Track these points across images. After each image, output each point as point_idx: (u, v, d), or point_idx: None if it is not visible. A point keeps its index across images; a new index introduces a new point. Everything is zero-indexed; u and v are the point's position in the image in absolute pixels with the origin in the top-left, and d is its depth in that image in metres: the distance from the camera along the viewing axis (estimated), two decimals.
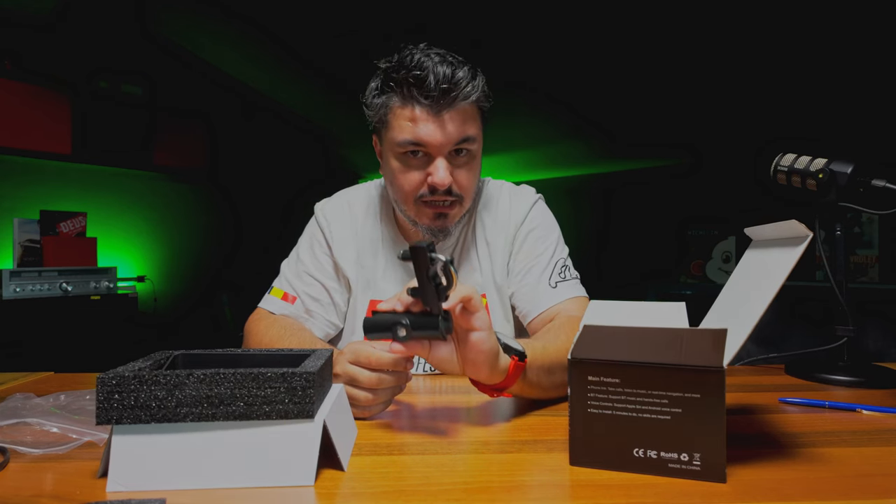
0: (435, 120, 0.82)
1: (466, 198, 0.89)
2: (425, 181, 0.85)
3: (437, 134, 0.82)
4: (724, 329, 0.50)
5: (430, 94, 0.80)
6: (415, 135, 0.82)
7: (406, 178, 0.87)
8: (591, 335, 0.53)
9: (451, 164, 0.85)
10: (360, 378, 0.62)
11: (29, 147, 3.08)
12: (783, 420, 0.64)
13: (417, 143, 0.83)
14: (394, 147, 0.86)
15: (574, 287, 0.94)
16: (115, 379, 0.45)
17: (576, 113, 3.65)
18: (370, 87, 0.88)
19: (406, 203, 0.89)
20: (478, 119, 0.87)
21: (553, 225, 1.01)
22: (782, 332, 1.95)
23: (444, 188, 0.84)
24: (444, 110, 0.81)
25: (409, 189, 0.87)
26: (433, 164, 0.84)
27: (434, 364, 0.60)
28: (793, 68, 2.70)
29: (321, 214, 1.01)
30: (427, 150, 0.84)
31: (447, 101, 0.81)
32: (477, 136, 0.86)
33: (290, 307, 0.95)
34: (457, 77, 0.80)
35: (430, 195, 0.86)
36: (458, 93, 0.81)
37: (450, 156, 0.85)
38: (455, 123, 0.82)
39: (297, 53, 3.46)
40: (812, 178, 0.88)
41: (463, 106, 0.83)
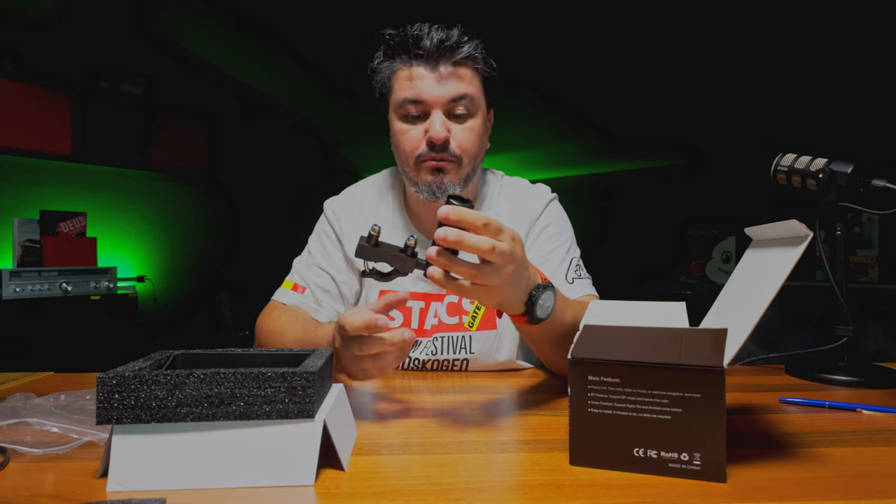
0: (431, 75, 0.86)
1: (465, 159, 0.90)
2: (423, 139, 0.88)
3: (434, 87, 0.86)
4: (724, 329, 0.50)
5: (426, 51, 0.85)
6: (412, 91, 0.86)
7: (406, 138, 0.89)
8: (591, 335, 0.53)
9: (448, 121, 0.88)
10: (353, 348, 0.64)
11: (29, 147, 3.08)
12: (783, 420, 0.64)
13: (415, 100, 0.86)
14: (396, 108, 0.89)
15: (588, 286, 0.95)
16: (115, 379, 0.45)
17: (576, 113, 3.65)
18: (376, 56, 0.92)
19: (407, 163, 0.91)
20: (476, 81, 0.90)
21: (567, 224, 1.03)
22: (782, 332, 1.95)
23: (440, 141, 0.86)
24: (440, 64, 0.86)
25: (409, 148, 0.89)
26: (430, 119, 0.87)
27: None
28: (793, 69, 2.70)
29: (330, 211, 1.03)
30: (425, 108, 0.87)
31: (442, 54, 0.85)
32: (475, 97, 0.88)
33: (300, 297, 0.98)
34: (451, 34, 0.86)
35: (429, 152, 0.88)
36: (452, 45, 0.85)
37: (448, 114, 0.87)
38: (451, 79, 0.86)
39: (298, 53, 3.46)
40: (812, 178, 0.88)
41: (459, 62, 0.86)
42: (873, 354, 2.31)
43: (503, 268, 0.57)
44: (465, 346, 0.94)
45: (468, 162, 0.90)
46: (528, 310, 0.64)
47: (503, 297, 0.61)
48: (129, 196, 3.68)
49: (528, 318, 0.65)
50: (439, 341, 0.95)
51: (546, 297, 0.65)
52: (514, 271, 0.59)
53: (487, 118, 0.96)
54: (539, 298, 0.64)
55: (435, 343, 0.95)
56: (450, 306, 0.96)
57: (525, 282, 0.62)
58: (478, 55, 0.88)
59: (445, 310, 0.96)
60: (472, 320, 0.94)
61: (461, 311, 0.96)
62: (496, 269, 0.57)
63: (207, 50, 3.71)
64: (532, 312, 0.64)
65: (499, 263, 0.56)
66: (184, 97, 3.86)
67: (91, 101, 3.34)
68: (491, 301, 0.61)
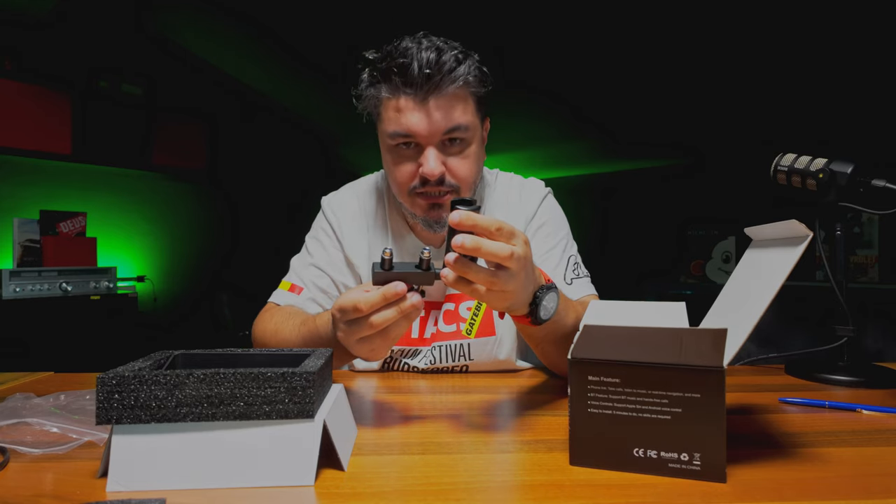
0: (421, 108, 0.79)
1: (464, 188, 0.86)
2: (417, 172, 0.84)
3: (423, 123, 0.79)
4: (724, 329, 0.50)
5: (414, 82, 0.77)
6: (401, 125, 0.80)
7: (399, 171, 0.85)
8: (591, 335, 0.53)
9: (443, 154, 0.83)
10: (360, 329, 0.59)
11: (29, 147, 3.08)
12: (783, 420, 0.64)
13: (405, 134, 0.81)
14: (385, 139, 0.85)
15: (587, 285, 0.94)
16: (115, 379, 0.45)
17: (576, 112, 3.65)
18: (360, 80, 0.86)
19: (401, 195, 0.88)
20: (471, 105, 0.83)
21: (563, 220, 1.01)
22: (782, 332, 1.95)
23: (435, 178, 0.82)
24: (429, 97, 0.79)
25: (401, 181, 0.86)
26: (423, 154, 0.82)
27: None
28: (793, 69, 2.70)
29: (328, 208, 1.01)
30: (417, 140, 0.82)
31: (432, 88, 0.78)
32: (470, 124, 0.83)
33: (297, 298, 0.95)
34: (441, 61, 0.77)
35: (423, 186, 0.84)
36: (442, 77, 0.78)
37: (441, 145, 0.82)
38: (442, 111, 0.79)
39: (298, 53, 3.46)
40: (812, 178, 0.88)
41: (451, 91, 0.79)
42: (873, 354, 2.31)
43: (518, 273, 0.57)
44: (463, 353, 0.93)
45: (466, 190, 0.87)
46: (532, 311, 0.64)
47: (514, 300, 0.60)
48: (129, 196, 3.68)
49: (531, 319, 0.65)
50: (438, 350, 0.93)
51: (549, 298, 0.65)
52: (526, 275, 0.59)
53: (483, 131, 0.91)
54: (543, 300, 0.64)
55: (433, 352, 0.94)
56: (447, 314, 0.94)
57: (532, 284, 0.62)
58: (471, 77, 0.81)
59: (443, 318, 0.94)
60: (470, 328, 0.93)
61: (458, 319, 0.94)
62: (512, 274, 0.56)
63: (207, 50, 3.71)
64: (536, 314, 0.64)
65: (515, 269, 0.56)
66: (184, 97, 3.86)
67: (91, 101, 3.34)
68: (502, 305, 0.60)
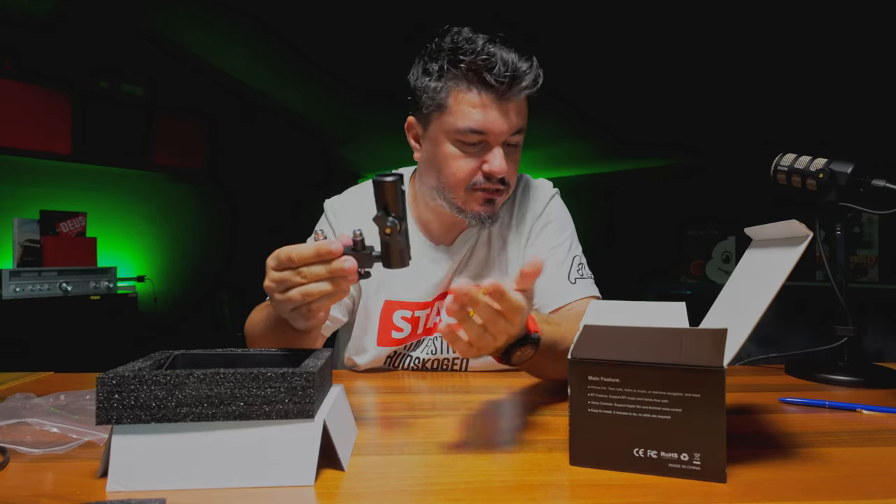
0: (499, 107, 0.82)
1: (511, 186, 0.90)
2: (479, 168, 0.85)
3: (501, 122, 0.82)
4: (724, 329, 0.50)
5: (500, 81, 0.79)
6: (479, 121, 0.82)
7: (461, 165, 0.85)
8: (591, 335, 0.53)
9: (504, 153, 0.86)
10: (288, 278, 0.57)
11: (29, 147, 3.08)
12: (783, 420, 0.64)
13: (480, 131, 0.82)
14: (451, 132, 0.84)
15: (591, 286, 0.95)
16: (115, 379, 0.45)
17: (577, 112, 3.65)
18: (429, 70, 0.85)
19: (455, 190, 0.87)
20: (527, 109, 0.88)
21: (569, 220, 1.02)
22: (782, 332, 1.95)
23: (501, 176, 0.85)
24: (508, 98, 0.81)
25: (462, 176, 0.86)
26: (491, 152, 0.84)
27: None
28: (793, 69, 2.70)
29: (331, 211, 1.01)
30: (486, 138, 0.83)
31: (513, 90, 0.81)
32: (525, 128, 0.88)
33: None
34: (521, 65, 0.80)
35: (485, 182, 0.86)
36: (523, 81, 0.81)
37: (503, 144, 0.85)
38: (515, 112, 0.83)
39: (298, 53, 3.46)
40: (812, 178, 0.88)
41: (524, 95, 0.83)
42: (873, 354, 2.31)
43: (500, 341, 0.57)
44: None
45: (513, 186, 0.91)
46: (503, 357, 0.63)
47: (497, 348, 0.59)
48: (129, 196, 3.68)
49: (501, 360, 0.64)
50: (440, 340, 0.95)
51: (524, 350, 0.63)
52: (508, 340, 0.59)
53: None
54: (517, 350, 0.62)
55: (435, 342, 0.95)
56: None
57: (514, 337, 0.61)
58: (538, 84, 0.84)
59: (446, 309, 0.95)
60: None
61: None
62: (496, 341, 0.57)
63: (207, 49, 3.71)
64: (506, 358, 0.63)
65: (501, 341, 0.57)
66: (184, 97, 3.86)
67: (91, 100, 3.34)
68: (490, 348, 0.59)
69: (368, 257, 0.58)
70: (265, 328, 0.79)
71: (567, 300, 0.91)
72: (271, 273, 0.59)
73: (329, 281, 0.57)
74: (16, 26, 3.02)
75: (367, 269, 0.58)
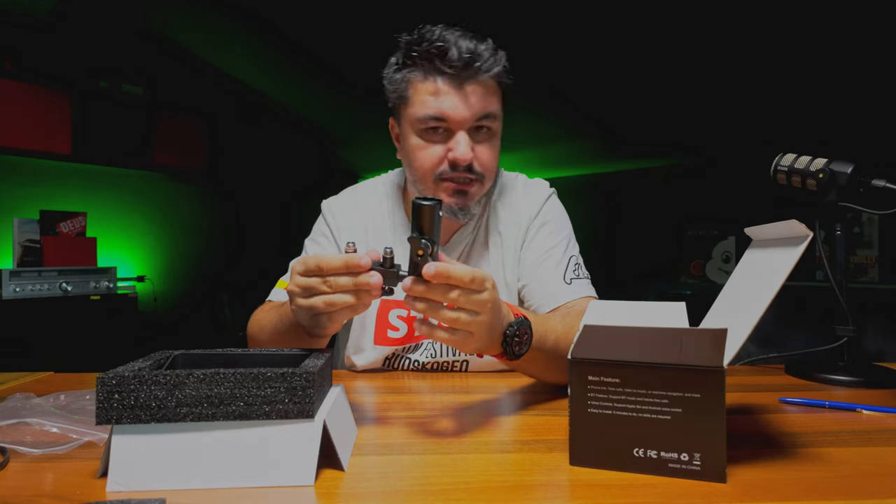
0: (457, 92, 0.81)
1: (487, 177, 0.88)
2: (445, 157, 0.84)
3: (460, 107, 0.81)
4: (724, 329, 0.50)
5: (453, 65, 0.79)
6: (436, 108, 0.81)
7: (426, 155, 0.85)
8: (591, 335, 0.53)
9: (472, 141, 0.84)
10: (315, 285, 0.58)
11: (29, 147, 3.08)
12: (783, 420, 0.64)
13: (439, 118, 0.82)
14: (414, 123, 0.85)
15: (587, 286, 0.94)
16: (115, 379, 0.45)
17: (577, 112, 3.65)
18: (390, 63, 0.87)
19: (425, 181, 0.87)
20: (499, 97, 0.86)
21: (566, 220, 1.01)
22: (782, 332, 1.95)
23: (466, 164, 0.83)
24: (466, 83, 0.81)
25: (428, 166, 0.86)
26: (454, 138, 0.83)
27: None
28: (793, 69, 2.70)
29: (328, 211, 1.01)
30: (448, 125, 0.83)
31: (470, 73, 0.80)
32: (498, 114, 0.86)
33: None
34: (479, 49, 0.80)
35: (451, 171, 0.85)
36: (481, 64, 0.80)
37: (471, 132, 0.84)
38: (477, 96, 0.82)
39: (298, 52, 3.47)
40: (812, 178, 0.88)
41: (485, 80, 0.82)
42: (873, 354, 2.31)
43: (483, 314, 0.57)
44: None
45: (489, 179, 0.89)
46: (505, 349, 0.64)
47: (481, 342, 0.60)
48: (130, 196, 3.68)
49: (506, 356, 0.65)
50: (439, 343, 0.94)
51: (521, 332, 0.64)
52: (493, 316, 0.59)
53: None
54: (515, 335, 0.63)
55: (434, 346, 0.95)
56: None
57: (500, 323, 0.62)
58: (503, 70, 0.85)
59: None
60: None
61: None
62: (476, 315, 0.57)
63: (207, 49, 3.71)
64: (509, 350, 0.64)
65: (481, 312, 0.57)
66: (184, 97, 3.86)
67: (91, 100, 3.34)
68: (470, 347, 0.60)
69: (395, 276, 0.58)
70: (275, 330, 0.79)
71: (563, 300, 0.91)
72: (297, 278, 0.59)
73: (353, 293, 0.57)
74: (16, 26, 3.02)
75: (392, 286, 0.58)
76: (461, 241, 0.97)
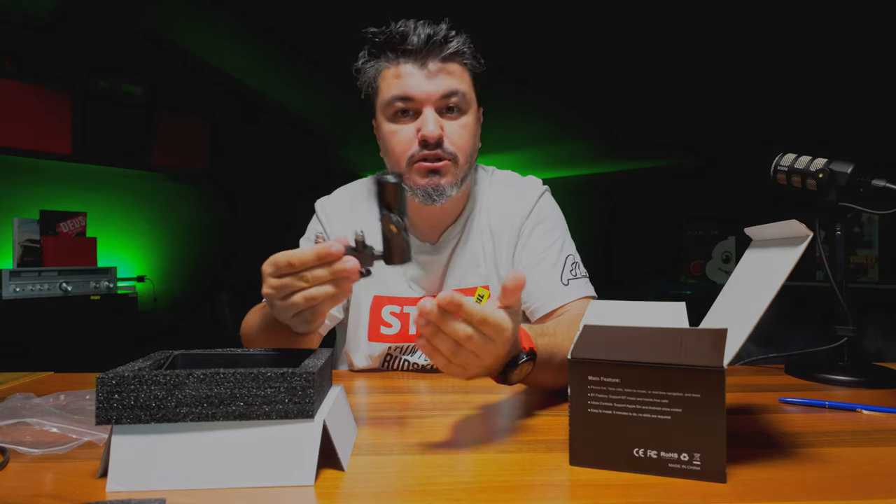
0: (421, 71, 0.84)
1: (461, 157, 0.87)
2: (416, 138, 0.85)
3: (423, 83, 0.84)
4: (724, 329, 0.50)
5: (414, 47, 0.83)
6: (401, 89, 0.84)
7: (398, 139, 0.87)
8: (591, 335, 0.53)
9: (441, 119, 0.86)
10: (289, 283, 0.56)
11: (29, 147, 3.07)
12: (783, 420, 0.64)
13: (405, 98, 0.84)
14: (384, 108, 0.87)
15: (585, 286, 0.93)
16: (114, 379, 0.45)
17: (577, 112, 3.65)
18: (359, 58, 0.90)
19: (399, 166, 0.88)
20: (467, 77, 0.88)
21: (560, 218, 1.00)
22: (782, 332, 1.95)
23: (434, 140, 0.84)
24: (428, 61, 0.84)
25: (400, 149, 0.86)
26: (421, 116, 0.85)
27: None
28: (794, 69, 2.70)
29: (321, 211, 1.01)
30: (415, 105, 0.85)
31: (430, 52, 0.83)
32: (466, 93, 0.87)
33: None
34: (438, 29, 0.84)
35: (421, 151, 0.85)
36: (440, 41, 0.83)
37: (440, 111, 0.86)
38: (441, 75, 0.84)
39: (298, 52, 3.46)
40: (812, 178, 0.88)
41: (448, 58, 0.84)
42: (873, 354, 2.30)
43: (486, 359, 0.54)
44: None
45: (464, 160, 0.88)
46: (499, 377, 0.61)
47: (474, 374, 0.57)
48: (129, 196, 3.68)
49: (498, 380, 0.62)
50: None
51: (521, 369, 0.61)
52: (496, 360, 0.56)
53: (479, 113, 0.94)
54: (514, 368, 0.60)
55: None
56: None
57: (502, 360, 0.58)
58: (466, 50, 0.86)
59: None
60: None
61: None
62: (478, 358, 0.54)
63: (207, 49, 3.71)
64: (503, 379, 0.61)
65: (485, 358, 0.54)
66: (184, 97, 3.86)
67: (91, 100, 3.34)
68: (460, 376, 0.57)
69: (370, 256, 0.58)
70: (260, 331, 0.78)
71: (561, 302, 0.90)
72: (270, 280, 0.58)
73: (332, 283, 0.56)
74: (16, 26, 3.02)
75: (369, 267, 0.58)
76: (450, 239, 0.96)
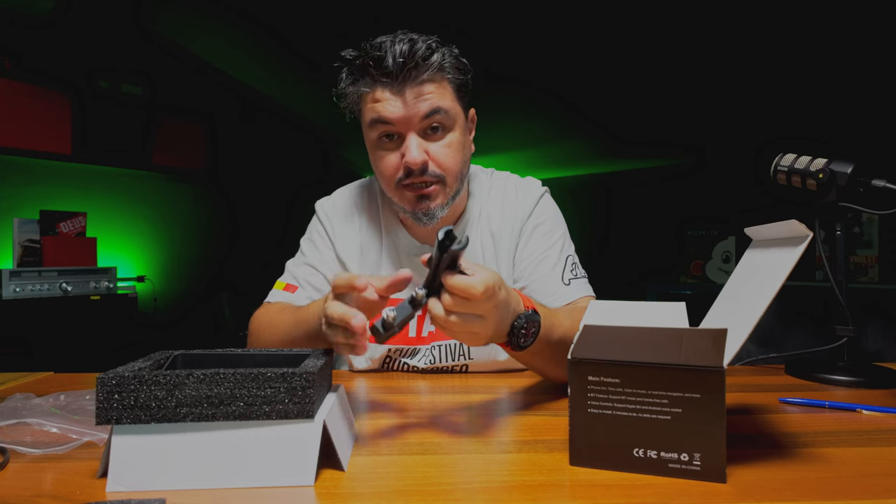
0: (398, 97, 0.80)
1: (449, 177, 0.85)
2: (401, 163, 0.83)
3: (401, 109, 0.80)
4: (724, 329, 0.50)
5: (389, 72, 0.79)
6: (379, 114, 0.81)
7: (384, 164, 0.85)
8: (591, 335, 0.53)
9: (425, 142, 0.83)
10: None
11: (29, 147, 3.08)
12: (783, 420, 0.64)
13: (384, 123, 0.81)
14: (367, 134, 0.86)
15: (585, 286, 0.94)
16: (114, 379, 0.45)
17: (577, 112, 3.65)
18: (339, 80, 0.87)
19: (389, 190, 0.88)
20: (449, 91, 0.84)
21: (559, 219, 1.01)
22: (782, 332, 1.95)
23: (418, 167, 0.82)
24: (405, 86, 0.80)
25: (388, 174, 0.85)
26: (405, 143, 0.83)
27: None
28: (794, 69, 2.70)
29: (322, 211, 1.01)
30: (397, 130, 0.82)
31: (406, 75, 0.79)
32: (449, 109, 0.83)
33: (292, 296, 0.95)
34: (414, 49, 0.79)
35: (407, 178, 0.84)
36: (416, 65, 0.79)
37: (423, 133, 0.83)
38: (420, 96, 0.80)
39: (298, 52, 3.47)
40: (812, 178, 0.88)
41: (426, 78, 0.80)
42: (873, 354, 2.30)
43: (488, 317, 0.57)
44: (463, 352, 0.93)
45: (452, 180, 0.86)
46: (510, 340, 0.64)
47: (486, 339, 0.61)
48: (129, 196, 3.68)
49: (511, 346, 0.65)
50: (437, 350, 0.93)
51: (529, 325, 0.64)
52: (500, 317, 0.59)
53: (469, 122, 0.91)
54: (521, 328, 0.63)
55: (433, 352, 0.94)
56: None
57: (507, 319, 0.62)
58: (446, 64, 0.82)
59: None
60: None
61: None
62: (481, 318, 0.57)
63: (207, 50, 3.71)
64: (514, 343, 0.64)
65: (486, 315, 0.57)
66: (184, 97, 3.86)
67: (91, 101, 3.34)
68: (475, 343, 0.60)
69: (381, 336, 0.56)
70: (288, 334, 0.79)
71: (562, 302, 0.91)
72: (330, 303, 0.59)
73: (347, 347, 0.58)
74: (16, 26, 3.02)
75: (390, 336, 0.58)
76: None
